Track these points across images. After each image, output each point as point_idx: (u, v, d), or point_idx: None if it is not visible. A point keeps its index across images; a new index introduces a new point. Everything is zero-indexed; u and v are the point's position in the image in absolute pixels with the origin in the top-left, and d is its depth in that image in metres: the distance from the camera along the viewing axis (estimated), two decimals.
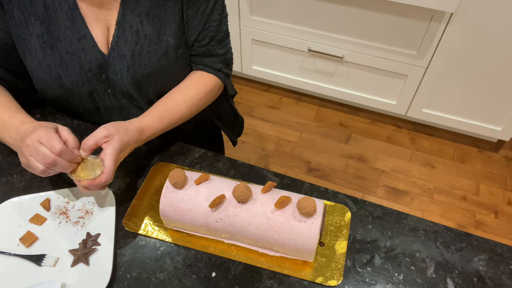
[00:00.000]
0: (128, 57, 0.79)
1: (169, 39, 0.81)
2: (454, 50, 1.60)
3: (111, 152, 0.68)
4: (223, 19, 0.86)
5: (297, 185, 0.81)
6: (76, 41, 0.77)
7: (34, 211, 0.74)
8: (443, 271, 0.70)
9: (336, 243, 0.73)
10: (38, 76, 0.79)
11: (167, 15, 0.80)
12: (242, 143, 1.98)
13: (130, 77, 0.80)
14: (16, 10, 0.75)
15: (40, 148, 0.63)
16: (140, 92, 0.84)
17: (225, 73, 0.92)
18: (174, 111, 0.83)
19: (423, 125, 2.07)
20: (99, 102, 0.85)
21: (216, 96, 0.94)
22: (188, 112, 0.86)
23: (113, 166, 0.68)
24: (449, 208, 1.76)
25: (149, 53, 0.80)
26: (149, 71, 0.81)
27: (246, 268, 0.70)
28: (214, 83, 0.90)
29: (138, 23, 0.78)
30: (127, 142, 0.72)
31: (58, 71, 0.78)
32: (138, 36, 0.79)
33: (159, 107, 0.82)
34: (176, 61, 0.84)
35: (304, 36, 1.82)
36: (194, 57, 0.88)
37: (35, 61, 0.78)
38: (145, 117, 0.79)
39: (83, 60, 0.78)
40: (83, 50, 0.77)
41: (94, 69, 0.79)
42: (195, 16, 0.82)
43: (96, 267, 0.68)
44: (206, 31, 0.84)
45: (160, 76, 0.83)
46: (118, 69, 0.80)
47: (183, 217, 0.68)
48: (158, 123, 0.80)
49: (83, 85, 0.81)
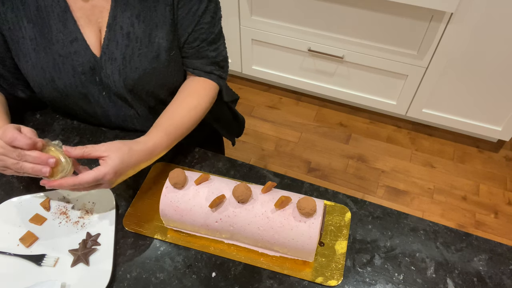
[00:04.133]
0: (119, 60, 0.78)
1: (160, 41, 0.80)
2: (454, 50, 1.60)
3: (100, 169, 0.65)
4: (216, 21, 0.84)
5: (297, 185, 0.81)
6: (69, 43, 0.76)
7: (34, 211, 0.75)
8: (443, 271, 0.70)
9: (336, 243, 0.73)
10: (33, 79, 0.79)
11: (158, 16, 0.78)
12: (242, 143, 1.98)
13: (122, 81, 0.80)
14: (10, 13, 0.74)
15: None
16: (133, 95, 0.84)
17: (216, 74, 0.89)
18: (179, 125, 0.80)
19: (423, 125, 2.07)
20: (95, 104, 0.85)
21: (215, 98, 0.93)
22: (193, 122, 0.83)
23: (89, 180, 0.64)
24: (449, 208, 1.76)
25: (140, 56, 0.79)
26: (140, 74, 0.80)
27: (246, 268, 0.70)
28: (212, 88, 0.88)
29: (129, 25, 0.77)
30: (128, 162, 0.68)
31: (51, 74, 0.78)
32: (129, 38, 0.78)
33: (163, 123, 0.79)
34: (169, 64, 0.83)
35: (304, 36, 1.82)
36: (184, 59, 0.87)
37: (29, 64, 0.78)
38: (151, 135, 0.76)
39: (76, 63, 0.77)
40: (75, 53, 0.77)
41: (87, 71, 0.79)
42: (186, 17, 0.80)
43: (96, 267, 0.68)
44: (196, 33, 0.83)
45: (152, 79, 0.82)
46: (110, 72, 0.79)
47: (183, 217, 0.68)
48: (166, 139, 0.77)
49: (76, 87, 0.80)
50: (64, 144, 0.86)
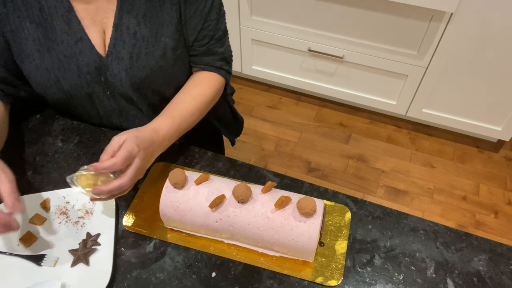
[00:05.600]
0: (126, 60, 0.79)
1: (167, 40, 0.81)
2: (454, 50, 1.60)
3: (124, 147, 0.65)
4: (220, 17, 0.86)
5: (297, 185, 0.81)
6: (73, 44, 0.76)
7: (34, 211, 0.74)
8: (443, 271, 0.70)
9: (336, 243, 0.73)
10: (36, 80, 0.79)
11: (164, 16, 0.79)
12: (242, 143, 1.98)
13: (128, 79, 0.80)
14: (11, 15, 0.74)
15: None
16: (139, 94, 0.84)
17: (225, 70, 0.92)
18: (183, 109, 0.81)
19: (423, 125, 2.07)
20: (98, 104, 0.85)
21: (221, 93, 0.94)
22: (198, 109, 0.84)
23: (121, 160, 0.64)
24: (449, 208, 1.76)
25: (147, 54, 0.80)
26: (147, 73, 0.81)
27: (246, 268, 0.70)
28: (218, 81, 0.90)
29: (135, 25, 0.78)
30: (142, 137, 0.70)
31: (56, 75, 0.78)
32: (136, 38, 0.78)
33: (167, 108, 0.81)
34: (175, 62, 0.84)
35: (304, 36, 1.82)
36: (193, 57, 0.88)
37: (32, 65, 0.77)
38: (155, 119, 0.78)
39: (81, 63, 0.78)
40: (80, 53, 0.77)
41: (93, 71, 0.79)
42: (194, 15, 0.81)
43: (96, 267, 0.68)
44: (205, 30, 0.84)
45: (159, 77, 0.83)
46: (117, 72, 0.79)
47: (183, 217, 0.68)
48: (169, 122, 0.78)
49: (81, 87, 0.80)
50: (64, 144, 0.87)
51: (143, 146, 0.69)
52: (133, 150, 0.66)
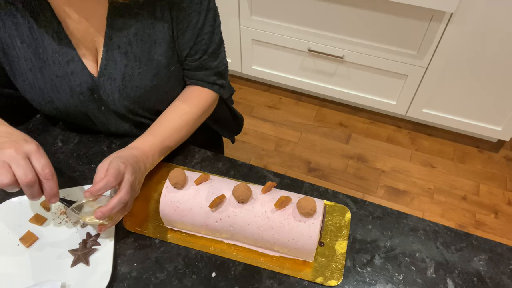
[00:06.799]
0: (118, 80, 0.77)
1: (159, 58, 0.78)
2: (454, 50, 1.60)
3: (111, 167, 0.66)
4: (215, 29, 0.83)
5: (297, 185, 0.81)
6: (65, 64, 0.75)
7: (34, 211, 0.75)
8: (443, 271, 0.70)
9: (336, 243, 0.73)
10: (31, 98, 0.78)
11: (156, 33, 0.77)
12: (242, 143, 1.99)
13: (122, 100, 0.79)
14: (2, 33, 0.72)
15: (24, 162, 0.61)
16: (132, 112, 0.83)
17: (219, 85, 0.89)
18: (168, 125, 0.81)
19: (423, 125, 2.07)
20: (95, 119, 0.84)
21: (213, 108, 0.92)
22: (185, 125, 0.83)
23: (112, 179, 0.65)
24: (449, 208, 1.76)
25: (140, 74, 0.78)
26: (141, 93, 0.80)
27: (246, 268, 0.70)
28: (209, 96, 0.88)
29: (126, 44, 0.76)
30: (127, 156, 0.71)
31: (50, 95, 0.77)
32: (128, 58, 0.76)
33: (151, 126, 0.82)
34: (168, 79, 0.82)
35: (304, 36, 1.82)
36: (186, 71, 0.86)
37: (26, 83, 0.76)
38: (136, 139, 0.79)
39: (73, 84, 0.76)
40: (72, 74, 0.76)
41: (85, 91, 0.78)
42: (186, 30, 0.79)
43: (96, 267, 0.68)
44: (198, 45, 0.81)
45: (152, 95, 0.82)
46: (110, 92, 0.78)
47: (183, 217, 0.68)
48: (151, 139, 0.78)
49: (76, 106, 0.79)
50: (64, 144, 0.87)
51: (129, 162, 0.69)
52: (119, 167, 0.67)
